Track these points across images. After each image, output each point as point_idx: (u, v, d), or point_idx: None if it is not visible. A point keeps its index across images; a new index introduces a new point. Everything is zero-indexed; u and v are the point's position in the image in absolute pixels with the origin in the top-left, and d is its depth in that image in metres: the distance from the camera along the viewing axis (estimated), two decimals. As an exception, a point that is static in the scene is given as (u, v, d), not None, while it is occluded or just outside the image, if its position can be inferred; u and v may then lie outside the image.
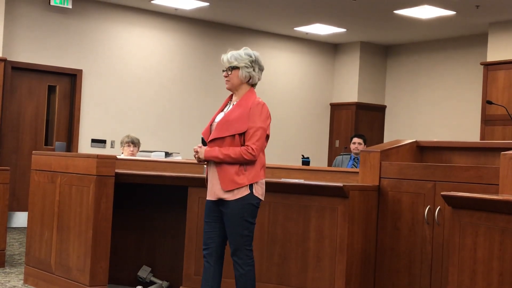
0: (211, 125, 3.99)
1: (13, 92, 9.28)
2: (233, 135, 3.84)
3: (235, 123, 3.84)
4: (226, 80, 3.97)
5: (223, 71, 3.99)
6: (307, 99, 12.10)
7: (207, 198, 3.95)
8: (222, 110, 4.02)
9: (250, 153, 3.80)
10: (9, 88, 9.18)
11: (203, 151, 3.88)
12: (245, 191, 3.84)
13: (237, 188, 3.83)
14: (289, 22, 10.77)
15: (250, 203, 3.86)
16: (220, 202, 3.89)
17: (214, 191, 3.88)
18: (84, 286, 4.76)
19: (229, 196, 3.83)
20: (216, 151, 3.83)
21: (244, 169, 3.84)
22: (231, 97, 4.05)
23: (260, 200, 3.92)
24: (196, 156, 3.92)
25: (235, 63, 3.92)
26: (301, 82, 12.03)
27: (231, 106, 3.97)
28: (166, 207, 5.49)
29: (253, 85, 4.01)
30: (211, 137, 3.90)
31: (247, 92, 3.95)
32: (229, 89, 3.99)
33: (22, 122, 9.39)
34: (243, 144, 3.84)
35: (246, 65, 3.92)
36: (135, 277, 5.46)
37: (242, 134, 3.84)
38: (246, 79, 3.94)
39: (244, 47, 4.02)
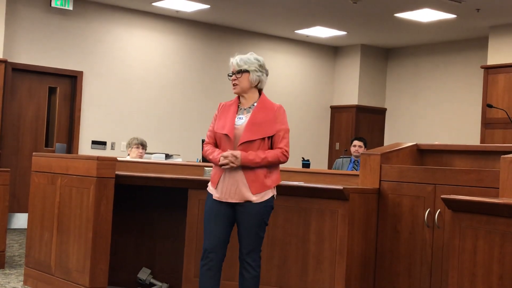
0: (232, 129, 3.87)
1: (14, 94, 9.28)
2: (263, 138, 3.84)
3: (264, 126, 3.85)
4: (235, 84, 3.93)
5: (230, 75, 3.94)
6: (308, 101, 12.10)
7: (230, 201, 3.86)
8: (235, 114, 3.92)
9: (285, 156, 3.87)
10: (10, 90, 9.18)
11: (240, 157, 3.77)
12: (270, 193, 3.90)
13: (265, 191, 3.86)
14: (290, 25, 10.77)
15: (271, 205, 3.93)
16: (239, 204, 3.86)
17: (241, 193, 3.83)
18: (83, 288, 4.76)
19: (257, 199, 3.84)
20: (254, 156, 3.79)
21: (269, 171, 3.88)
22: (237, 101, 3.99)
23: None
24: (232, 163, 3.77)
25: (245, 67, 3.90)
26: (301, 85, 12.03)
27: (248, 110, 3.92)
28: (166, 209, 5.49)
29: (261, 90, 4.00)
30: (241, 140, 3.82)
31: (262, 96, 3.98)
32: (237, 93, 3.95)
33: (22, 124, 9.39)
34: (270, 146, 3.86)
35: (256, 69, 3.92)
36: (135, 279, 5.46)
37: (270, 137, 3.86)
38: (256, 82, 3.93)
39: (250, 52, 4.00)
